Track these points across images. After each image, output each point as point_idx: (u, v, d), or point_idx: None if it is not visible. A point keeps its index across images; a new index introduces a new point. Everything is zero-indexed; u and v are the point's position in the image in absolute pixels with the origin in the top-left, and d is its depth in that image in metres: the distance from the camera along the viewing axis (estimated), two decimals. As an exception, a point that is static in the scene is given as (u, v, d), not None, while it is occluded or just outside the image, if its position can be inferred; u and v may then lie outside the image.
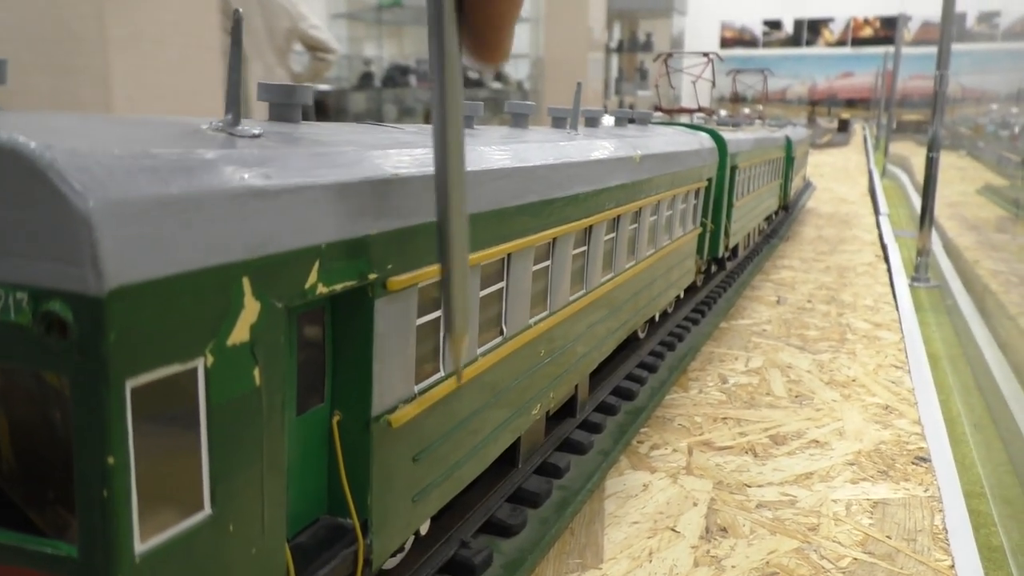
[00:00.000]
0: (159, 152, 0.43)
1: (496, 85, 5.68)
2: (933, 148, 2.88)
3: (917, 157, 6.90)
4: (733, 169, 1.96)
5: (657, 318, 1.64)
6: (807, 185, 5.00)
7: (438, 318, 0.69)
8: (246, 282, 0.46)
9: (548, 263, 0.95)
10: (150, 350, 0.40)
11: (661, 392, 1.42)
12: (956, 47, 2.91)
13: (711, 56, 2.30)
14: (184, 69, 2.30)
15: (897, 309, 2.21)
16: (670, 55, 2.22)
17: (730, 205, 2.00)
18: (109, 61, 2.21)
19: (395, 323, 0.62)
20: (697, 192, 1.68)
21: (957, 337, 2.28)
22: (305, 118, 0.68)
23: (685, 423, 1.34)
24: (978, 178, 4.47)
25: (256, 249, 0.46)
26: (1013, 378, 1.70)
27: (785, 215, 3.58)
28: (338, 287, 0.55)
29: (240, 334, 0.46)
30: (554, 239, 0.94)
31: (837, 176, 6.40)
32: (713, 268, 2.12)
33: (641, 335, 1.56)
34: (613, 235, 1.17)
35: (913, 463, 1.21)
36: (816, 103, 19.93)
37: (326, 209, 0.53)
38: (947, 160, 3.69)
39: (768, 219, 3.09)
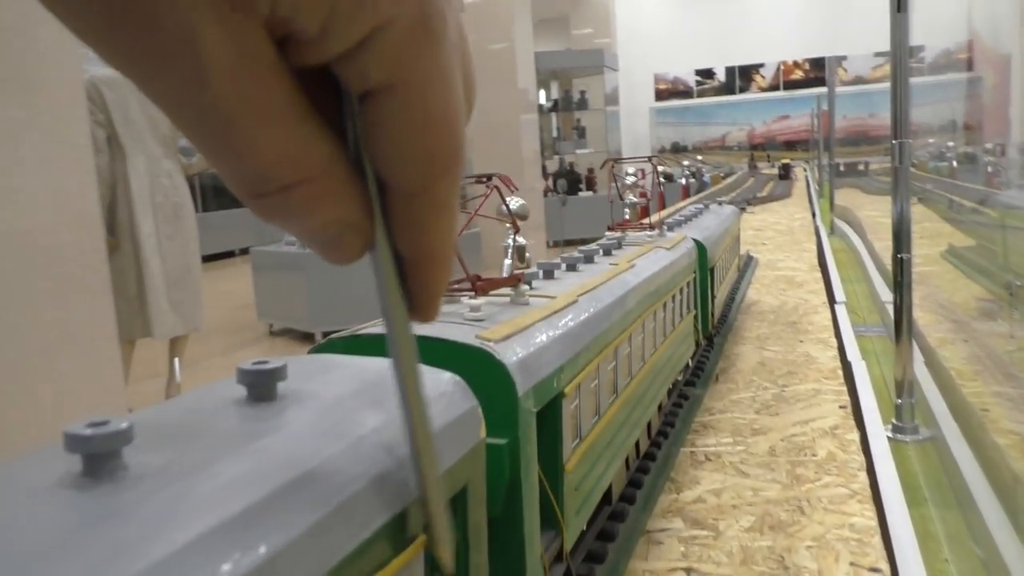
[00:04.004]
0: None
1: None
2: (903, 247, 2.00)
3: (864, 209, 6.19)
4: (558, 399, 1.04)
5: None
6: (747, 263, 4.01)
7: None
8: None
9: None
10: None
11: None
12: (880, 87, 2.12)
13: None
14: (43, 168, 2.14)
15: (890, 547, 1.28)
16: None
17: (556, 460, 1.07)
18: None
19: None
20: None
21: (977, 547, 1.34)
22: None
23: None
24: (937, 233, 3.63)
25: None
26: None
27: (714, 341, 2.66)
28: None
29: None
30: None
31: (782, 242, 5.60)
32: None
33: None
34: None
35: None
36: (756, 147, 19.70)
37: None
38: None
39: (684, 369, 2.17)
